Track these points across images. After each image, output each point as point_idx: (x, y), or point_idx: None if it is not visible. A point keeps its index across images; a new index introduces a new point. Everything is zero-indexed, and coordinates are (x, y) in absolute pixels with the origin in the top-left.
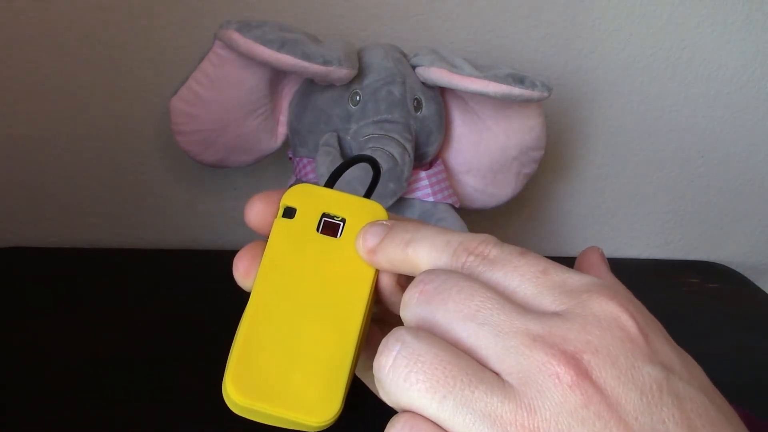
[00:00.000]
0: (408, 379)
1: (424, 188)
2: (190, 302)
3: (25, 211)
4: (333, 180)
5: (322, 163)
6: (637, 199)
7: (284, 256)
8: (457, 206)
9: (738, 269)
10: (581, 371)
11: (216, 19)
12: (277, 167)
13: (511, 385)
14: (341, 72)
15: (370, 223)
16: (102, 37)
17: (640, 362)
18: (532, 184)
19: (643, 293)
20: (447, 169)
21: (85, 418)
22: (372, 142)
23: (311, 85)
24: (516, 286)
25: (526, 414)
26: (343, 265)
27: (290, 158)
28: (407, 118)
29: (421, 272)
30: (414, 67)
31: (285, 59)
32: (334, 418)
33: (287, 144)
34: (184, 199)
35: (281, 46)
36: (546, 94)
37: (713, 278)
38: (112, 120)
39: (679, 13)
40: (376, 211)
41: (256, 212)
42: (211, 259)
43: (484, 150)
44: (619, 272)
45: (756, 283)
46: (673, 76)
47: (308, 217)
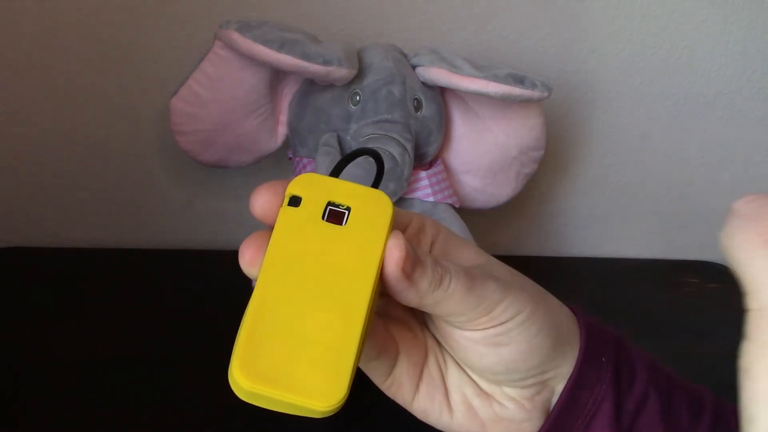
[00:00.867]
0: None
1: (424, 188)
2: (190, 302)
3: (25, 211)
4: (338, 171)
5: (322, 163)
6: (637, 199)
7: (290, 243)
8: (457, 206)
9: None
10: None
11: (216, 19)
12: (277, 167)
13: None
14: (341, 72)
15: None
16: (102, 37)
17: None
18: (532, 184)
19: (643, 293)
20: (447, 169)
21: (85, 417)
22: (372, 143)
23: (311, 85)
24: None
25: None
26: (349, 252)
27: (290, 158)
28: (407, 118)
29: None
30: (414, 67)
31: (285, 59)
32: (339, 403)
33: (287, 144)
34: (184, 199)
35: (281, 46)
36: (546, 94)
37: (713, 278)
38: (112, 120)
39: (679, 13)
40: (381, 200)
41: (262, 202)
42: (211, 259)
43: (484, 150)
44: (619, 272)
45: None
46: (673, 76)
47: (313, 206)
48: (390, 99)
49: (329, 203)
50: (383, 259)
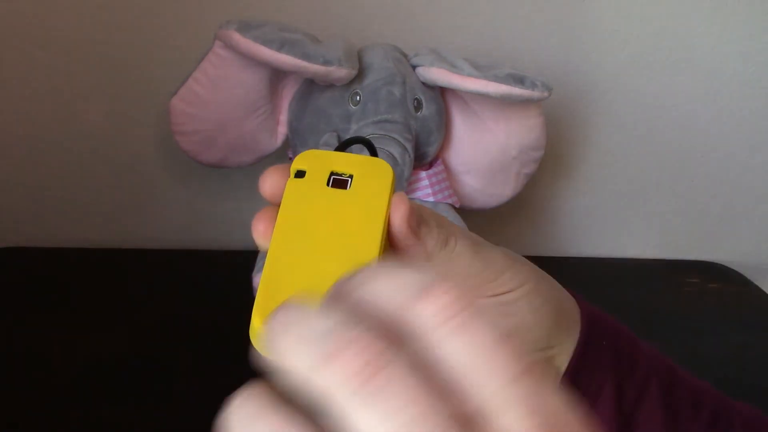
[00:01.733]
0: None
1: (424, 188)
2: (190, 302)
3: (25, 211)
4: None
5: None
6: (637, 199)
7: (298, 208)
8: (457, 206)
9: (738, 269)
10: None
11: (216, 19)
12: None
13: None
14: (341, 72)
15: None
16: (102, 37)
17: None
18: (532, 184)
19: (643, 293)
20: (447, 169)
21: (85, 417)
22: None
23: (311, 85)
24: None
25: None
26: (354, 211)
27: (290, 158)
28: (407, 118)
29: None
30: (414, 67)
31: (285, 59)
32: None
33: (287, 144)
34: (184, 199)
35: (281, 46)
36: (546, 94)
37: (713, 278)
38: (112, 120)
39: (679, 13)
40: (381, 166)
41: (270, 182)
42: (211, 259)
43: (484, 150)
44: (620, 272)
45: (756, 283)
46: (673, 76)
47: (318, 176)
48: (390, 99)
49: (332, 173)
50: (389, 215)
